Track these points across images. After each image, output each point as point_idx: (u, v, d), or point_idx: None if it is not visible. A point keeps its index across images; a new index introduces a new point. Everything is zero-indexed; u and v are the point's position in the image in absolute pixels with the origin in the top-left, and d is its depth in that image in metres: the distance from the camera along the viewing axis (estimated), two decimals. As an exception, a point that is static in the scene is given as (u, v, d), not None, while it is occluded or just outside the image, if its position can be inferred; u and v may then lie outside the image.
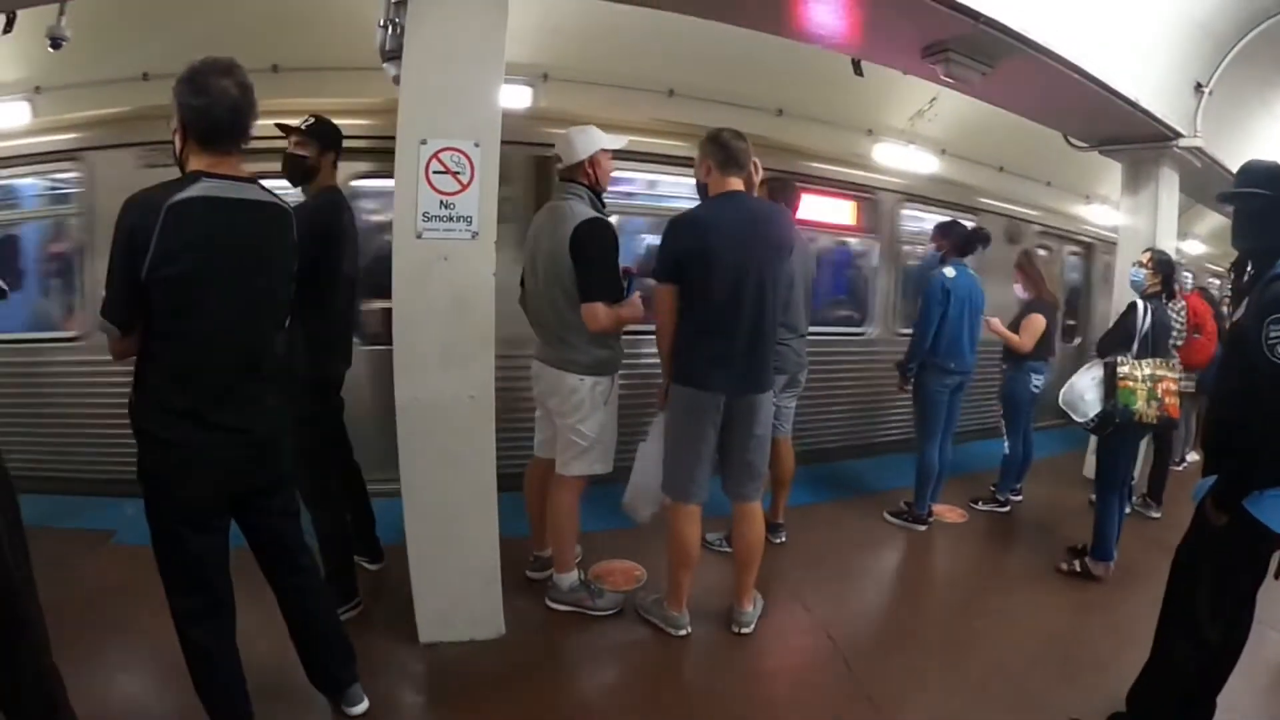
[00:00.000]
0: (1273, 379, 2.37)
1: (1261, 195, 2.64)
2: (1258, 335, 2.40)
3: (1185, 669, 2.73)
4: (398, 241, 3.10)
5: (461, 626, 3.36)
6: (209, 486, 2.32)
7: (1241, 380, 2.58)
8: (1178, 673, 2.75)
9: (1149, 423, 4.29)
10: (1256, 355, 2.41)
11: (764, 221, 3.35)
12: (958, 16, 4.08)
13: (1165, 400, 4.26)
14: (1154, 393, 4.24)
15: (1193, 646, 2.69)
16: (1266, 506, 2.48)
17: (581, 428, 3.53)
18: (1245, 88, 6.59)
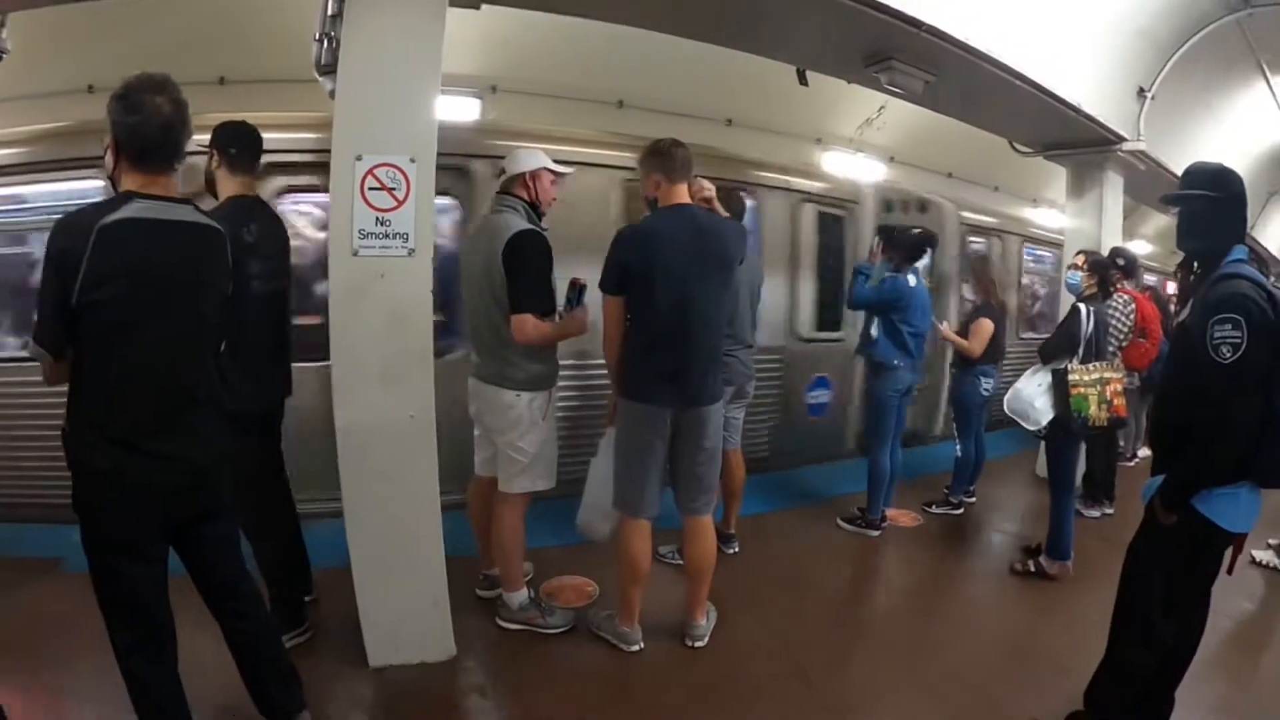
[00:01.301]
0: (1218, 378, 2.41)
1: (1205, 197, 2.68)
2: (1202, 335, 2.44)
3: (1141, 667, 2.77)
4: (334, 259, 3.04)
5: (411, 649, 3.30)
6: (145, 516, 2.25)
7: (1186, 380, 2.62)
8: (1133, 671, 2.79)
9: (1101, 425, 4.35)
10: (1201, 355, 2.45)
11: (711, 235, 3.34)
12: (900, 25, 4.14)
13: (1114, 402, 4.35)
14: (1103, 395, 4.31)
15: (1147, 645, 2.73)
16: (1215, 505, 2.52)
17: (521, 444, 3.48)
18: (1187, 92, 6.78)
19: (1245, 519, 2.58)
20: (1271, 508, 2.70)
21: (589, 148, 5.56)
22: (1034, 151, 7.18)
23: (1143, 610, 2.74)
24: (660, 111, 6.67)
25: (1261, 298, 2.42)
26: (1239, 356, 2.36)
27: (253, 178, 3.32)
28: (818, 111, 7.75)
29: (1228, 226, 2.66)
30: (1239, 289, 2.44)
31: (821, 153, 8.06)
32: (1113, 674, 2.86)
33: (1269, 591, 4.81)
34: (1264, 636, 4.27)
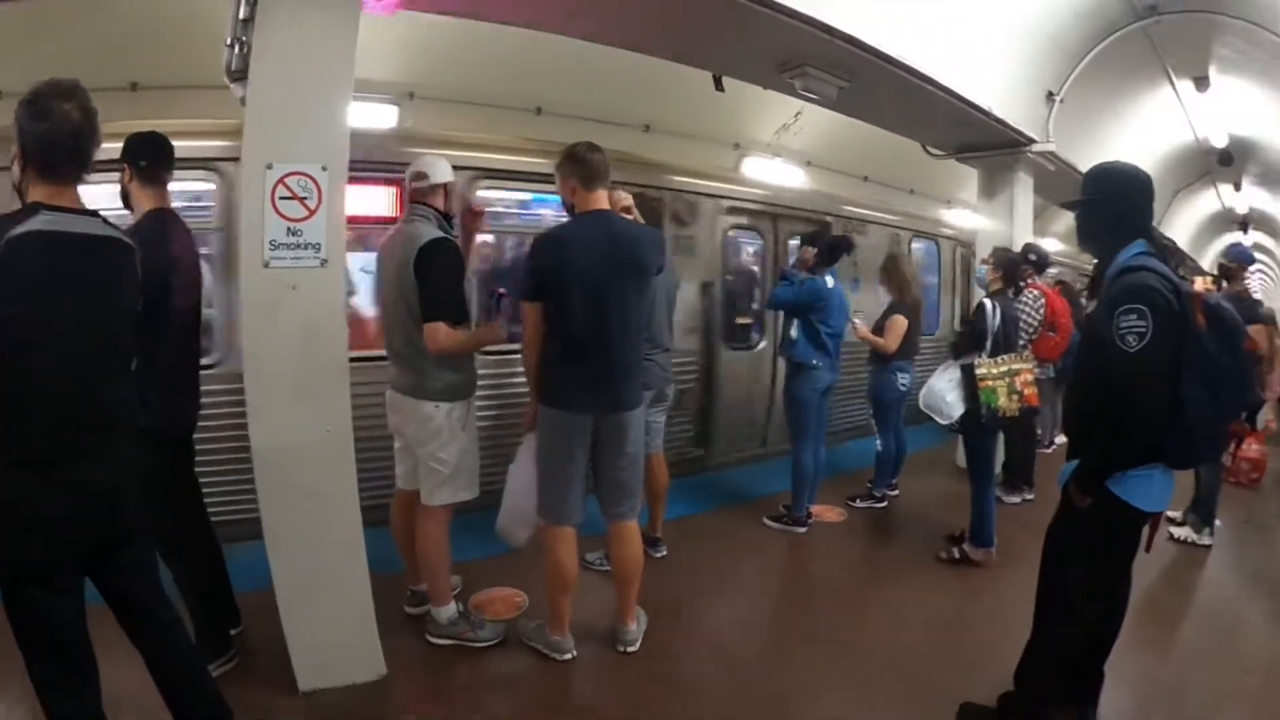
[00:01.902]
0: (1125, 366, 2.50)
1: (1093, 199, 2.82)
2: (1109, 326, 2.53)
3: (1067, 645, 2.86)
4: (245, 271, 2.94)
5: (340, 671, 3.21)
6: (59, 544, 2.13)
7: (1096, 369, 2.71)
8: (1060, 648, 2.88)
9: (1013, 416, 4.49)
10: (1108, 345, 2.54)
11: (628, 242, 3.33)
12: (813, 32, 4.21)
13: (1025, 392, 4.52)
14: (1013, 386, 4.47)
15: (1071, 623, 2.83)
16: (1129, 487, 2.63)
17: (441, 455, 3.43)
18: (1095, 95, 7.10)
19: (1159, 499, 2.70)
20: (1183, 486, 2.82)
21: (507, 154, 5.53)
22: (946, 154, 7.42)
23: (1065, 590, 2.84)
24: (578, 117, 6.64)
25: (1166, 288, 2.51)
26: (1144, 345, 2.45)
27: (166, 189, 3.19)
28: (736, 117, 7.86)
29: (1120, 224, 2.77)
30: (1143, 280, 2.53)
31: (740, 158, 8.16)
32: (1040, 653, 2.96)
33: (1184, 565, 5.09)
34: (1182, 609, 4.51)
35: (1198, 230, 15.70)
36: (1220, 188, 12.23)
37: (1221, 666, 3.74)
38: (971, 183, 7.75)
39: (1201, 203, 13.45)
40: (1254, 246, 14.73)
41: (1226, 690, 3.51)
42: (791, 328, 5.31)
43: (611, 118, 6.97)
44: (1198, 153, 9.85)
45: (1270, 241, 15.64)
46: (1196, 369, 2.51)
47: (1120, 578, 2.97)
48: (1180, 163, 10.38)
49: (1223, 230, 15.20)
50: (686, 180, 6.58)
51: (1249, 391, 2.75)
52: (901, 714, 3.24)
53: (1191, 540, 5.35)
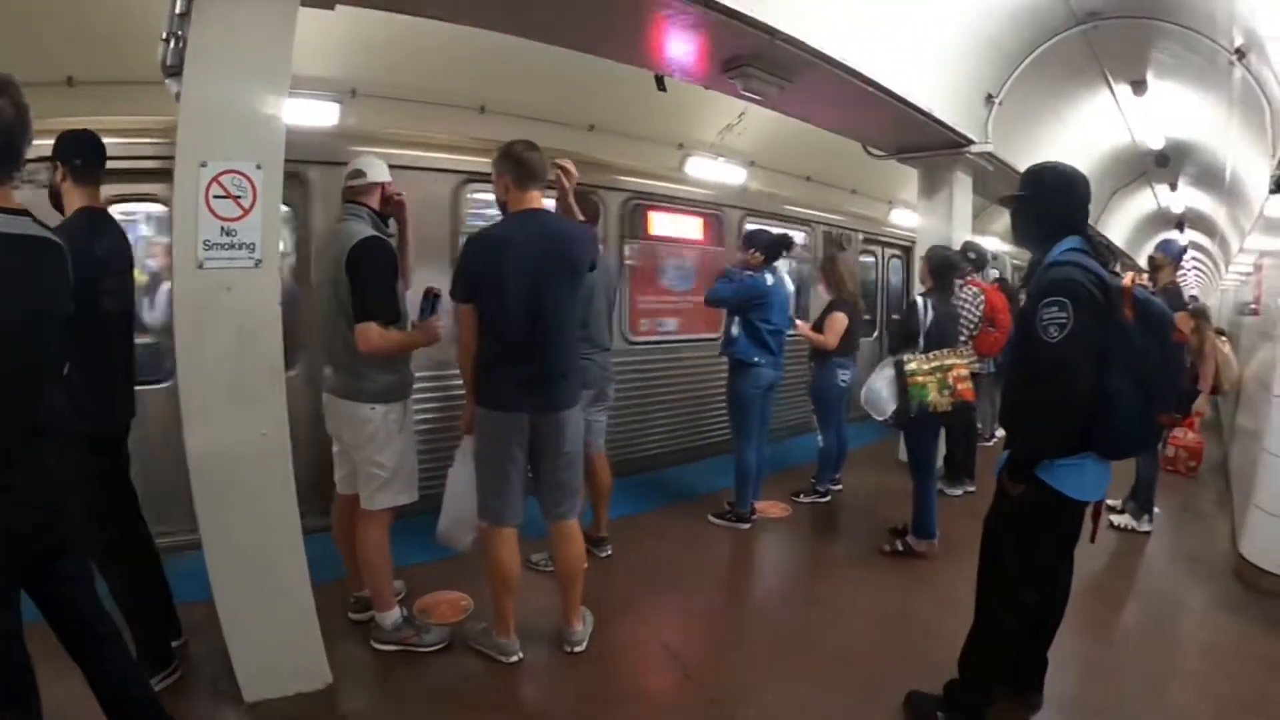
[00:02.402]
0: (1048, 357, 2.59)
1: (1027, 196, 2.91)
2: (1034, 318, 2.63)
3: (1006, 631, 2.95)
4: (178, 272, 2.86)
5: (285, 680, 3.15)
6: None
7: (1025, 361, 2.82)
8: (1000, 635, 2.96)
9: (945, 410, 4.59)
10: (1034, 337, 2.63)
11: (559, 239, 3.32)
12: (755, 33, 4.25)
13: (958, 387, 4.61)
14: (945, 382, 4.57)
15: (1011, 609, 2.91)
16: (1060, 476, 2.72)
17: (379, 458, 3.39)
18: (1034, 98, 7.29)
19: (1092, 488, 2.79)
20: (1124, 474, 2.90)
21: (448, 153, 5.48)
22: (887, 154, 7.54)
23: (1004, 577, 2.93)
24: (522, 117, 6.61)
25: (1091, 282, 2.60)
26: (1065, 335, 2.54)
27: (98, 188, 3.09)
28: (680, 117, 7.89)
29: (1054, 219, 2.87)
30: (1066, 274, 2.63)
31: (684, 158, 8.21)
32: (981, 640, 3.03)
33: (1124, 550, 5.29)
34: (1124, 594, 4.68)
35: (1135, 229, 16.17)
36: (1156, 188, 12.61)
37: (1163, 649, 3.90)
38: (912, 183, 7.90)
39: (1138, 202, 13.86)
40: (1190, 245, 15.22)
41: (1167, 672, 3.65)
42: (732, 325, 5.34)
43: (556, 117, 6.96)
44: (1135, 154, 10.14)
45: (1206, 240, 16.14)
46: (1124, 360, 2.60)
47: (1059, 565, 3.07)
48: (1118, 164, 10.68)
49: (1159, 229, 15.66)
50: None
51: (1178, 382, 2.84)
52: (850, 704, 3.29)
53: (1131, 527, 5.57)
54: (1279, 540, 4.54)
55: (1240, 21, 4.75)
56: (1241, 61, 5.06)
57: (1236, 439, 7.36)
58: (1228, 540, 5.40)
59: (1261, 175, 5.80)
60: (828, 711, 3.24)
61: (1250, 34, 4.66)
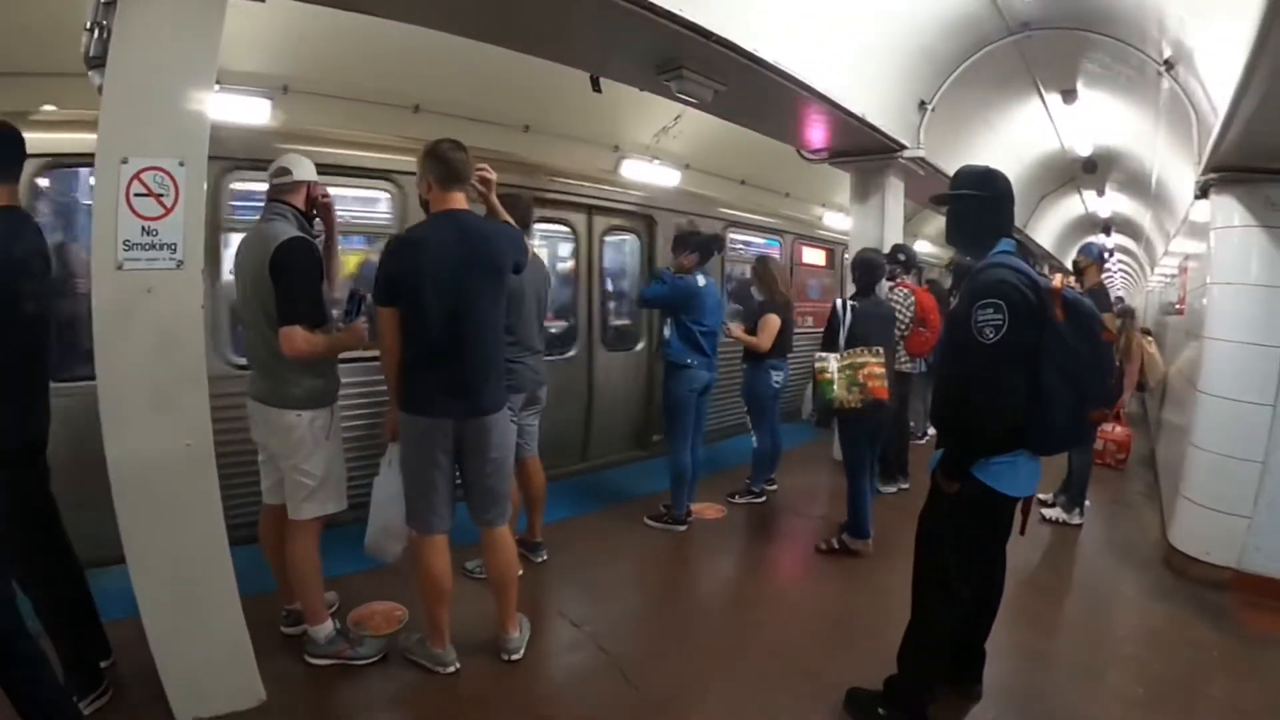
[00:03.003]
0: (983, 357, 2.65)
1: (970, 196, 2.97)
2: (968, 320, 2.69)
3: (943, 625, 3.02)
4: (97, 274, 2.71)
5: (218, 699, 3.03)
6: None
7: (956, 361, 2.87)
8: (939, 629, 3.03)
9: (853, 407, 4.69)
10: (968, 338, 2.69)
11: (481, 240, 3.26)
12: (691, 35, 4.23)
13: (868, 384, 4.69)
14: (854, 379, 4.67)
15: (948, 604, 2.98)
16: (994, 473, 2.80)
17: (306, 467, 3.29)
18: (966, 104, 7.45)
19: (1025, 484, 2.88)
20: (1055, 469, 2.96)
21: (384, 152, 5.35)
22: (820, 158, 7.63)
23: (940, 573, 2.99)
24: (457, 116, 6.54)
25: (1024, 284, 2.68)
26: (1001, 336, 2.61)
27: (16, 186, 2.92)
28: (615, 119, 7.89)
29: (992, 222, 2.95)
30: (1000, 276, 2.70)
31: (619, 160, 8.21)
32: (919, 635, 3.08)
33: (1057, 543, 5.51)
34: (1059, 585, 4.86)
35: (1062, 232, 16.68)
36: (1084, 193, 12.98)
37: (1099, 637, 4.05)
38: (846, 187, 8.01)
39: (1066, 207, 14.28)
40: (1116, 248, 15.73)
41: (1103, 658, 3.79)
42: (665, 327, 5.35)
43: (491, 117, 6.89)
44: (1063, 160, 10.40)
45: (1132, 244, 16.71)
46: (1057, 359, 2.67)
47: (993, 559, 3.17)
48: (1046, 169, 10.95)
49: (1087, 232, 16.14)
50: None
51: (1108, 379, 2.93)
52: (791, 703, 3.32)
53: (1063, 520, 5.80)
54: (1207, 529, 4.77)
55: (1169, 34, 4.90)
56: (1170, 72, 5.23)
57: (1164, 433, 7.67)
58: (1157, 530, 5.65)
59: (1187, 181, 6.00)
60: (769, 711, 3.27)
61: (1179, 46, 4.82)
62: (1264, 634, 4.06)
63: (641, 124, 8.27)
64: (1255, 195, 4.53)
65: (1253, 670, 3.73)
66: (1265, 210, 4.50)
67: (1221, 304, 4.78)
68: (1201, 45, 4.25)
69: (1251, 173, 4.48)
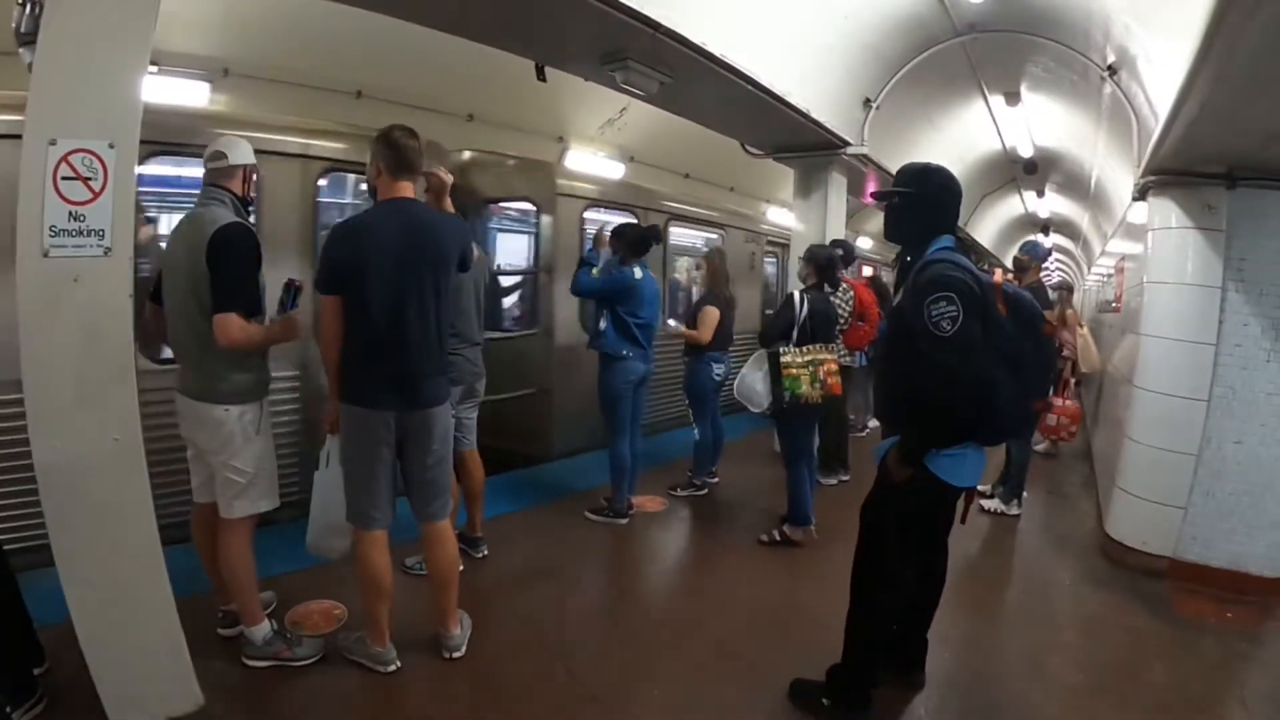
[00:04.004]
0: (943, 350, 2.66)
1: (908, 193, 3.01)
2: (919, 315, 2.70)
3: (886, 610, 3.08)
4: (22, 261, 2.57)
5: (154, 704, 2.92)
6: None
7: (905, 357, 2.88)
8: (881, 617, 3.09)
9: (815, 403, 4.75)
10: (919, 334, 2.71)
11: (429, 230, 3.21)
12: (637, 26, 4.23)
13: (828, 381, 4.80)
14: (816, 375, 4.74)
15: (890, 589, 3.04)
16: (943, 465, 2.86)
17: (235, 463, 3.20)
18: (910, 103, 7.60)
19: (971, 475, 2.95)
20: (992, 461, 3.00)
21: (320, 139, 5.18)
22: (764, 154, 7.73)
23: (883, 562, 3.05)
24: (400, 104, 6.45)
25: (969, 277, 2.73)
26: (959, 328, 2.63)
27: None
28: (562, 110, 7.83)
29: (931, 218, 2.99)
30: (946, 270, 2.73)
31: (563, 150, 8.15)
32: (861, 624, 3.13)
33: (997, 533, 5.67)
34: (999, 574, 5.02)
35: (1002, 231, 17.10)
36: (1024, 193, 13.33)
37: (1039, 624, 4.19)
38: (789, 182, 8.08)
39: (1007, 206, 14.64)
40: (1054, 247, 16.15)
41: (1043, 646, 3.91)
42: (600, 318, 5.34)
43: (434, 105, 6.81)
44: (1005, 161, 10.67)
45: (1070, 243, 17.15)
46: (1001, 352, 2.73)
47: (937, 549, 3.27)
48: (988, 169, 11.23)
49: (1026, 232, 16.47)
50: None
51: (1050, 370, 3.00)
52: (736, 695, 3.35)
53: (1001, 511, 5.96)
54: (1142, 519, 4.97)
55: (1114, 40, 5.03)
56: (1113, 78, 5.36)
57: (1100, 426, 7.93)
58: (1094, 520, 5.88)
59: (1125, 184, 6.19)
60: (713, 703, 3.30)
61: (1123, 52, 4.95)
62: (1199, 619, 4.25)
63: (588, 115, 8.23)
64: (1193, 198, 4.71)
65: (1189, 654, 3.90)
66: (1202, 213, 4.68)
67: (1158, 302, 4.95)
68: (1145, 51, 4.37)
69: (1190, 176, 4.66)
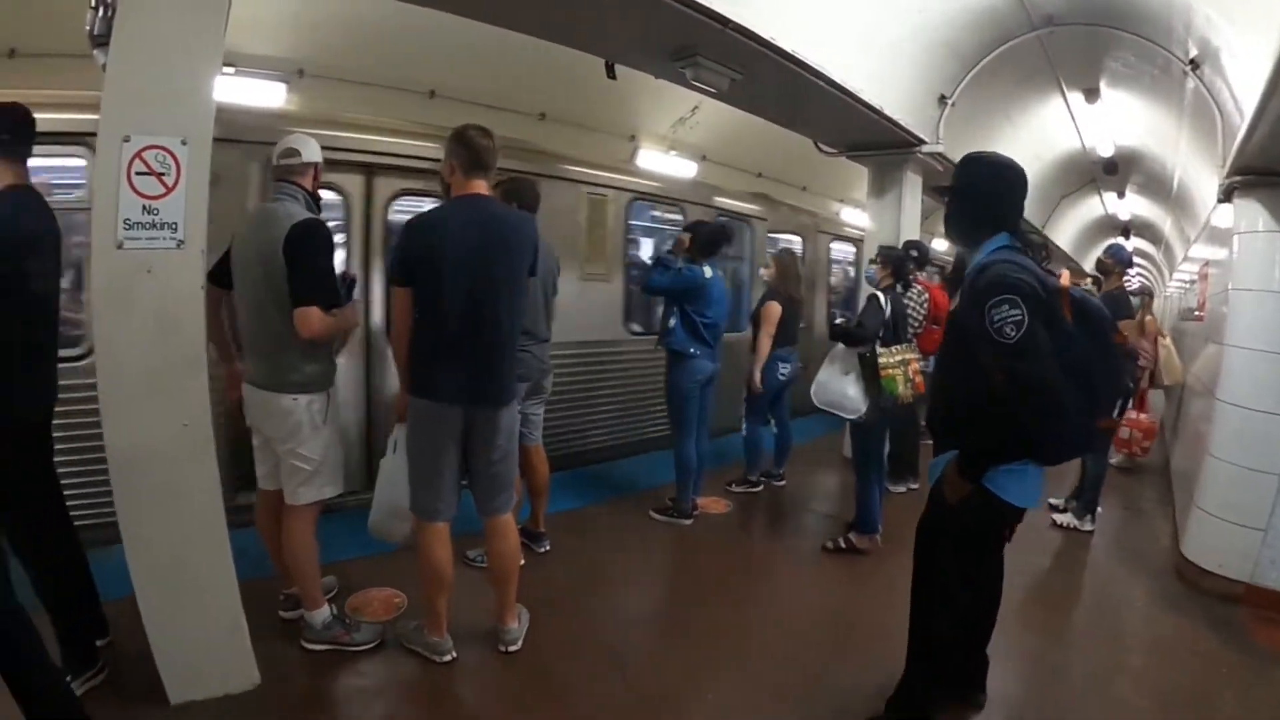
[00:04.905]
0: (1008, 357, 2.44)
1: (963, 189, 2.82)
2: (981, 321, 2.48)
3: (946, 633, 2.93)
4: (97, 253, 2.70)
5: (212, 681, 3.02)
6: None
7: (964, 365, 2.69)
8: (940, 638, 2.95)
9: (908, 402, 4.65)
10: (979, 340, 2.51)
11: (502, 226, 3.23)
12: (707, 21, 4.16)
13: (916, 380, 4.70)
14: (907, 375, 4.64)
15: (948, 612, 2.90)
16: (1003, 483, 2.66)
17: (303, 451, 3.27)
18: (987, 100, 7.33)
19: (1031, 495, 2.74)
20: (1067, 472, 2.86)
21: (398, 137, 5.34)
22: (837, 152, 7.57)
23: (939, 580, 2.91)
24: (473, 103, 6.49)
25: (1033, 279, 2.50)
26: (1024, 333, 2.41)
27: (26, 165, 2.94)
28: (633, 109, 7.82)
29: (981, 212, 2.78)
30: (1009, 272, 2.50)
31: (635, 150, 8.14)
32: (921, 646, 3.01)
33: (1068, 549, 5.40)
34: (1068, 592, 4.79)
35: (1081, 234, 16.45)
36: (1104, 195, 12.78)
37: (1105, 646, 3.95)
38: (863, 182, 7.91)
39: (1086, 208, 14.05)
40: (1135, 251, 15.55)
41: (1110, 668, 3.70)
42: (670, 317, 5.31)
43: (506, 104, 6.83)
44: (1084, 160, 10.22)
45: (1151, 248, 16.49)
46: (1064, 363, 2.49)
47: (992, 566, 3.08)
48: (1067, 169, 10.78)
49: (1106, 235, 15.88)
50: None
51: (1119, 382, 2.79)
52: (787, 709, 3.26)
53: (1074, 526, 5.68)
54: (1219, 540, 4.63)
55: (1196, 32, 4.79)
56: (1195, 72, 5.11)
57: (1180, 441, 7.52)
58: (1169, 539, 5.54)
59: (1209, 185, 5.89)
60: (767, 715, 3.22)
61: (1205, 44, 4.71)
62: (1275, 650, 3.96)
63: (659, 114, 8.20)
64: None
65: (1262, 683, 3.64)
66: (1291, 216, 4.37)
67: (1243, 311, 4.65)
68: (1228, 44, 4.14)
69: (1278, 176, 4.36)
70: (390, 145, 5.46)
